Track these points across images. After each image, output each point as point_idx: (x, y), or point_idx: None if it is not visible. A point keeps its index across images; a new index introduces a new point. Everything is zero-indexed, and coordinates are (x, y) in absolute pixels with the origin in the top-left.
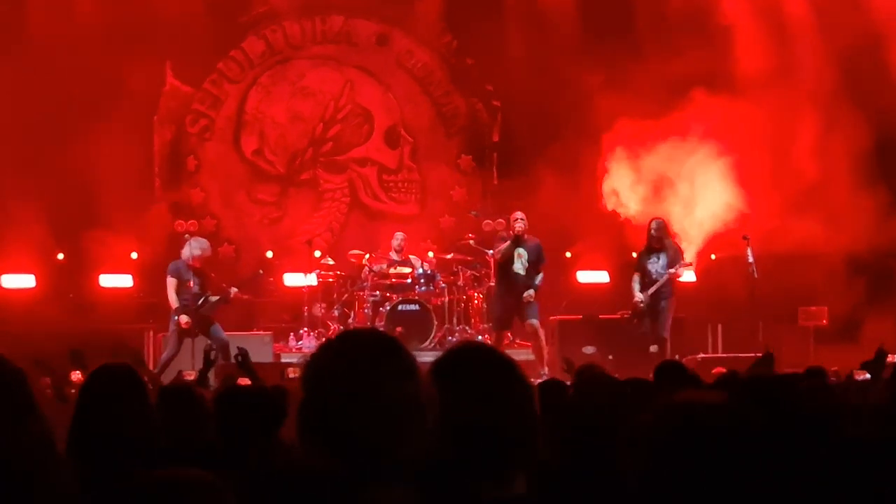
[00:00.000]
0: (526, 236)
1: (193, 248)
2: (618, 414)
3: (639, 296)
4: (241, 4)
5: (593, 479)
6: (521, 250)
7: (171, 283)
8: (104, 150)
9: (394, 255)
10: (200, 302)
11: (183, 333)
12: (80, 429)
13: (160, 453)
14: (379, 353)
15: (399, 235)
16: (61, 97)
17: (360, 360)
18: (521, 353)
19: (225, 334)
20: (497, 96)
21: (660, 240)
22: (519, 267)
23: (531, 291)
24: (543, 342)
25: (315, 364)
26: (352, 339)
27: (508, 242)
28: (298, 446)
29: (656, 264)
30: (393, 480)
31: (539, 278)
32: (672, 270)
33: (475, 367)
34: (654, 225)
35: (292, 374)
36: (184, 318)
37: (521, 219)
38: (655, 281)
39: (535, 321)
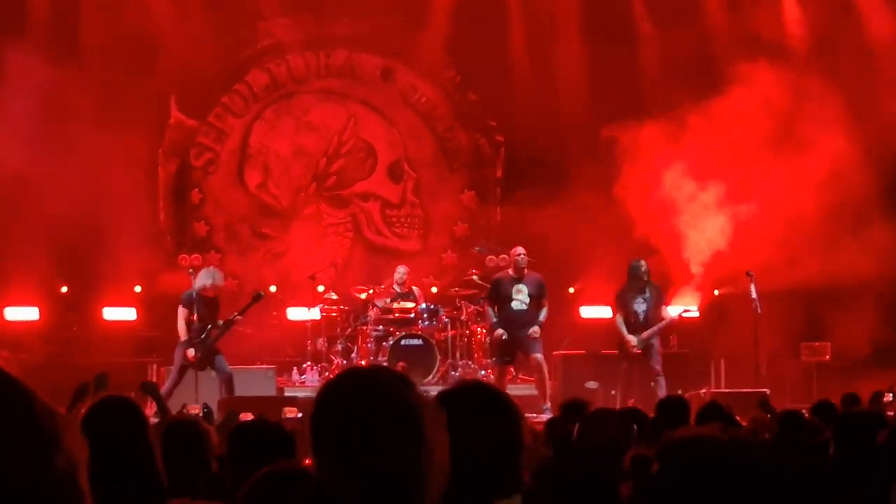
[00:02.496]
0: (526, 272)
1: (206, 278)
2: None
3: (632, 339)
4: (246, 38)
5: None
6: (520, 286)
7: (181, 313)
8: (109, 182)
9: (396, 289)
10: (207, 332)
11: (187, 366)
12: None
13: (161, 487)
14: (403, 387)
15: (401, 270)
16: (66, 130)
17: (377, 398)
18: (523, 388)
19: (228, 366)
20: (500, 132)
21: (646, 280)
22: (517, 303)
23: (536, 328)
24: (546, 377)
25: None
26: (371, 375)
27: (505, 280)
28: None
29: (641, 305)
30: None
31: (543, 313)
32: (677, 315)
33: (465, 404)
34: (641, 265)
35: (290, 413)
36: (191, 352)
37: (522, 255)
38: (644, 322)
39: (538, 355)
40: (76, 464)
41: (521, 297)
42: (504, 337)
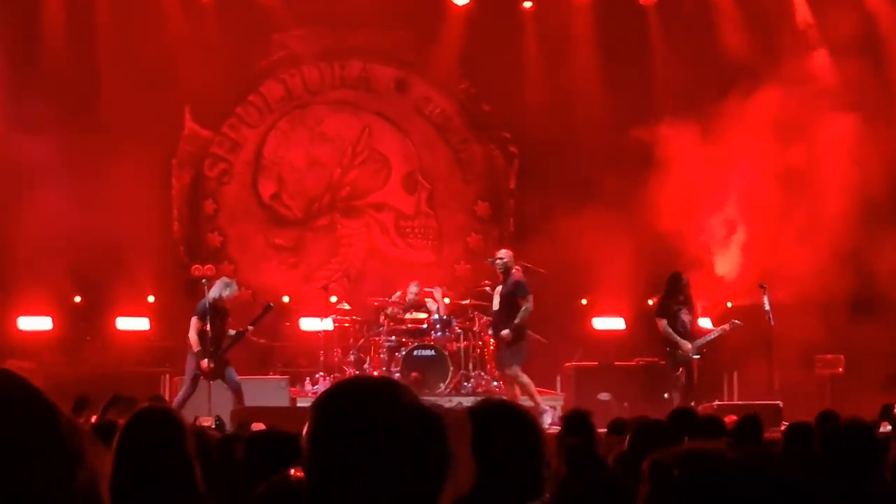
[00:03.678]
0: (513, 272)
1: (224, 290)
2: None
3: (689, 346)
4: (260, 49)
5: None
6: (498, 288)
7: (195, 324)
8: (123, 192)
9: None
10: (217, 345)
11: (200, 376)
12: (121, 474)
13: (198, 495)
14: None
15: (413, 288)
16: (81, 140)
17: (378, 409)
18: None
19: (238, 377)
20: (514, 143)
21: (687, 292)
22: (494, 305)
23: (506, 331)
24: (517, 391)
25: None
26: (366, 386)
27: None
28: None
29: (687, 316)
30: None
31: (520, 312)
32: (730, 326)
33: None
34: (683, 277)
35: None
36: (205, 363)
37: (500, 258)
38: (691, 333)
39: (507, 370)
40: (97, 477)
41: (495, 300)
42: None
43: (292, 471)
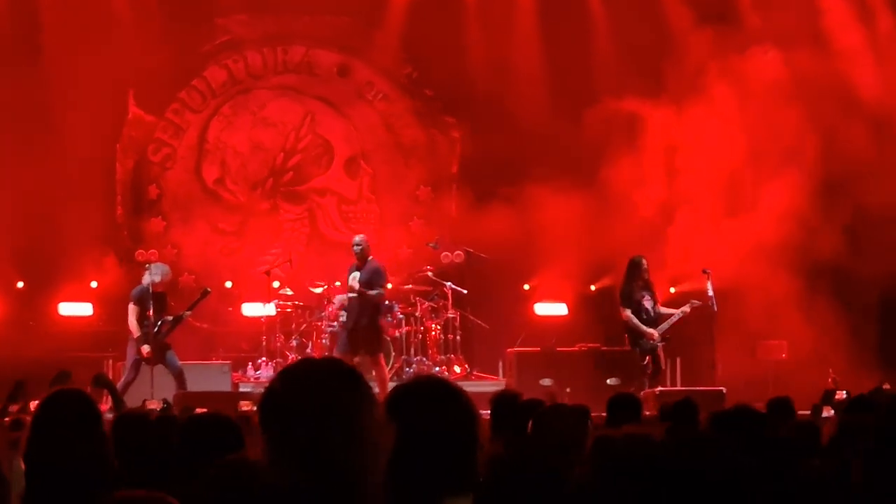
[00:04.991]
0: (369, 259)
1: (154, 274)
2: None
3: (653, 332)
4: (204, 34)
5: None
6: (356, 274)
7: (132, 310)
8: (66, 178)
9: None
10: (157, 328)
11: (141, 361)
12: (34, 457)
13: (114, 480)
14: (349, 381)
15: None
16: (22, 126)
17: (334, 388)
18: (479, 385)
19: (179, 362)
20: (457, 128)
21: (647, 277)
22: (351, 291)
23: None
24: (383, 378)
25: (284, 392)
26: (317, 367)
27: (349, 269)
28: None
29: (649, 301)
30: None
31: (375, 292)
32: (689, 308)
33: (425, 401)
34: (643, 262)
35: (245, 406)
36: (145, 348)
37: (356, 244)
38: (654, 318)
39: (368, 357)
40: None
41: (353, 285)
42: (343, 322)
43: None
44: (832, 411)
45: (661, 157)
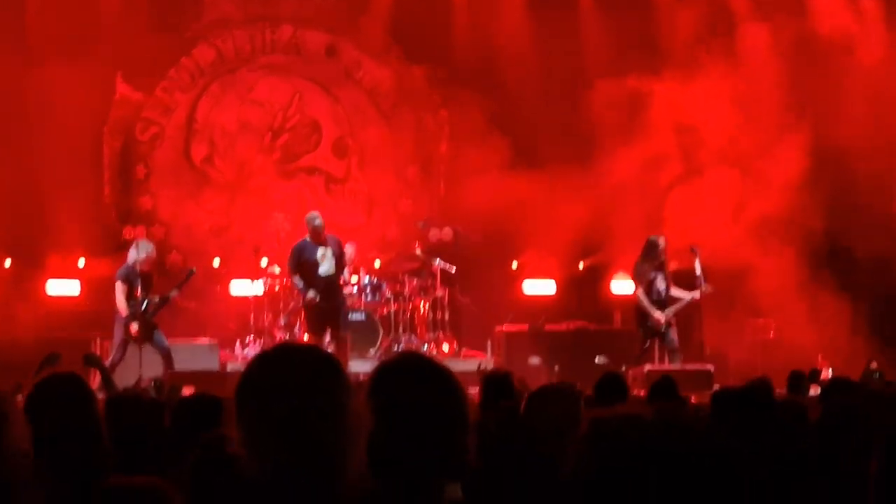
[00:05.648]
0: (328, 236)
1: (140, 252)
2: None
3: (660, 314)
4: (192, 13)
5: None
6: (324, 251)
7: (120, 288)
8: (54, 157)
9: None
10: (144, 306)
11: (128, 340)
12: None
13: (107, 463)
14: (323, 368)
15: (349, 249)
16: (10, 104)
17: (305, 374)
18: (467, 363)
19: (167, 341)
20: (444, 107)
21: (664, 258)
22: (326, 268)
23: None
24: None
25: (262, 375)
26: (295, 351)
27: (307, 247)
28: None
29: (662, 283)
30: (336, 492)
31: (344, 273)
32: (698, 294)
33: (409, 379)
34: (661, 241)
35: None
36: (133, 326)
37: (318, 219)
38: (664, 300)
39: (338, 334)
40: (24, 437)
41: (327, 264)
42: (317, 300)
43: None
44: (819, 389)
45: (653, 134)
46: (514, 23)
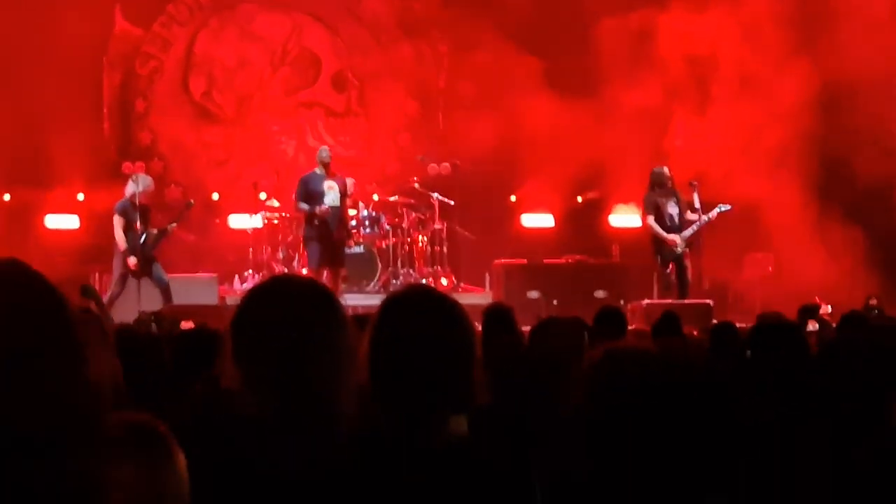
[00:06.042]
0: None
1: (138, 185)
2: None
3: (676, 238)
4: None
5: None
6: (330, 182)
7: (118, 222)
8: (53, 92)
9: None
10: (143, 240)
11: (127, 274)
12: None
13: (122, 401)
14: (320, 302)
15: (349, 182)
16: (8, 39)
17: (303, 308)
18: (467, 298)
19: (166, 275)
20: (444, 41)
21: (671, 185)
22: (331, 199)
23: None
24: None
25: (257, 308)
26: (289, 284)
27: (314, 178)
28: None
29: (674, 208)
30: (335, 427)
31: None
32: (716, 213)
33: (418, 310)
34: (665, 171)
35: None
36: (132, 260)
37: (327, 153)
38: (679, 225)
39: (338, 269)
40: (110, 374)
41: (333, 194)
42: (329, 213)
43: None
44: (817, 325)
45: (655, 67)
46: None
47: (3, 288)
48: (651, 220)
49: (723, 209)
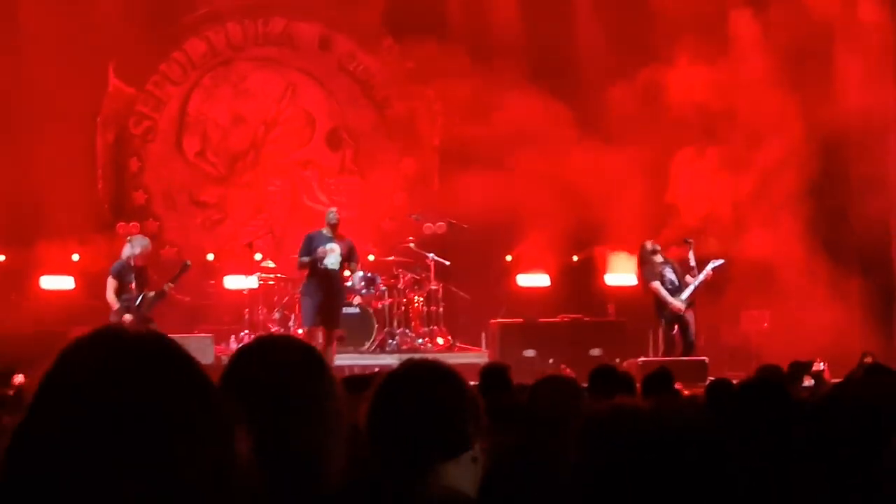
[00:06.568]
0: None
1: (135, 247)
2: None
3: (679, 304)
4: (183, 5)
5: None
6: (333, 245)
7: (111, 283)
8: (47, 151)
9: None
10: (139, 301)
11: None
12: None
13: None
14: (303, 362)
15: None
16: (4, 97)
17: (284, 369)
18: (462, 357)
19: None
20: (438, 100)
21: (663, 258)
22: (331, 262)
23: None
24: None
25: (241, 370)
26: (275, 345)
27: (319, 237)
28: None
29: (671, 273)
30: (324, 490)
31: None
32: (711, 270)
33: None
34: (651, 244)
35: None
36: (127, 317)
37: (335, 214)
38: (678, 287)
39: (332, 331)
40: (246, 460)
41: (334, 257)
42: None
43: None
44: (811, 381)
45: (655, 122)
46: (506, 14)
47: (158, 367)
48: (657, 284)
49: (716, 264)
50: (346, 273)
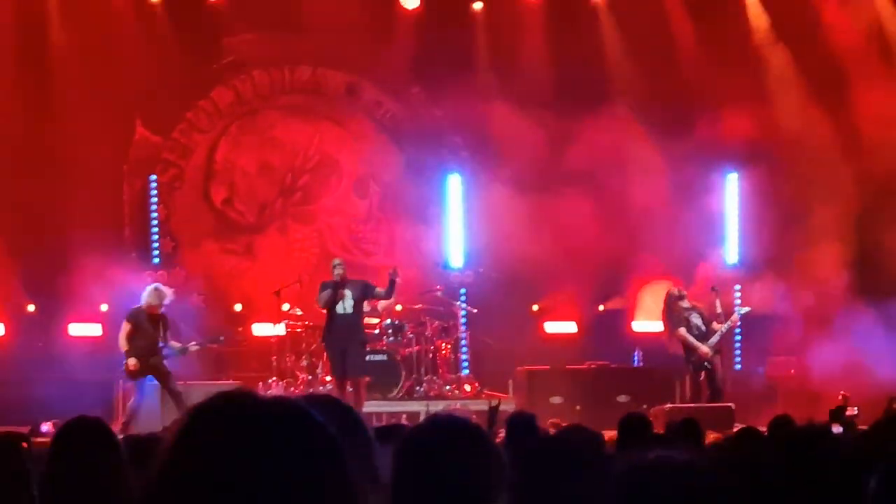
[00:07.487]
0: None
1: (150, 297)
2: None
3: (706, 348)
4: (210, 54)
5: None
6: (344, 291)
7: (124, 327)
8: (75, 200)
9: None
10: (164, 352)
11: (130, 376)
12: (51, 479)
13: None
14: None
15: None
16: (32, 147)
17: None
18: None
19: (178, 385)
20: (465, 147)
21: (689, 304)
22: (341, 308)
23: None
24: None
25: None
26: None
27: (329, 290)
28: None
29: (698, 319)
30: None
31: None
32: (738, 317)
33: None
34: (677, 290)
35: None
36: (132, 361)
37: (339, 264)
38: (705, 333)
39: (359, 379)
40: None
41: (345, 302)
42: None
43: None
44: (841, 428)
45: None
46: (535, 58)
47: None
48: (683, 330)
49: (742, 312)
50: (370, 307)
